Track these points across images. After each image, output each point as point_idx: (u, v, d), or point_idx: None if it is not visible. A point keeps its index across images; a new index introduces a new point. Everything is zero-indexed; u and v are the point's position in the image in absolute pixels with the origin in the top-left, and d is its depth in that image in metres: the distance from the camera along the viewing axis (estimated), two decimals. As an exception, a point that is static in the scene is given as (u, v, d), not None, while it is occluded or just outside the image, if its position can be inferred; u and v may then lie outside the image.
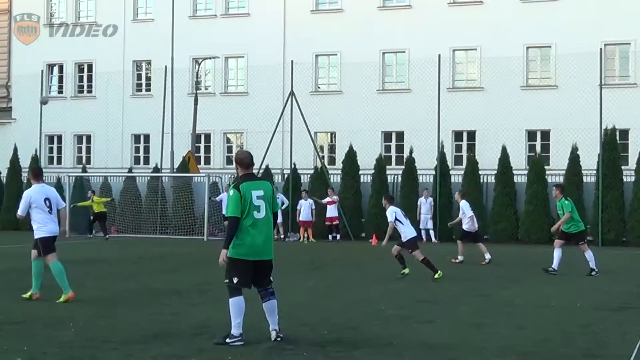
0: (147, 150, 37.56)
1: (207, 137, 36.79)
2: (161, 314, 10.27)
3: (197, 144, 35.36)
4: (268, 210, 8.18)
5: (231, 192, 8.09)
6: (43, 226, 11.28)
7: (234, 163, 8.49)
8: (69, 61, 38.95)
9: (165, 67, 32.57)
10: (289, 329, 8.90)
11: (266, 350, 7.93)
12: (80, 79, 39.43)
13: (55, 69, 39.66)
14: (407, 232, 14.72)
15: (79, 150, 39.06)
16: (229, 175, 30.32)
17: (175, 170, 31.63)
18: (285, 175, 30.35)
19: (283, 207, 27.31)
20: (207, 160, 36.97)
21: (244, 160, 8.25)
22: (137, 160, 37.67)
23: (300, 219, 27.17)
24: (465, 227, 18.70)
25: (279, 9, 35.78)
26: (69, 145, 38.94)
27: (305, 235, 27.14)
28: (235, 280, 8.08)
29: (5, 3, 41.44)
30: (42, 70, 36.77)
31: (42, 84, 35.58)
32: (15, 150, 33.20)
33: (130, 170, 33.52)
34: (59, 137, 38.94)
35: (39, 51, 38.28)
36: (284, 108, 29.56)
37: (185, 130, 33.21)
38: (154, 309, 10.69)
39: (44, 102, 25.08)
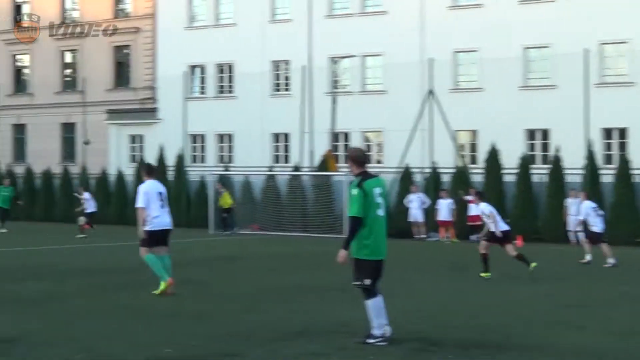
0: (286, 149, 38.52)
1: (346, 136, 37.33)
2: (302, 312, 10.58)
3: (335, 143, 35.96)
4: (385, 208, 8.17)
5: (355, 191, 8.01)
6: (154, 219, 11.85)
7: (348, 160, 8.41)
8: (210, 63, 40.43)
9: (303, 66, 33.35)
10: (432, 330, 9.03)
11: (409, 351, 8.03)
12: (221, 79, 40.85)
13: (197, 70, 41.24)
14: (502, 225, 15.42)
15: (221, 149, 40.49)
16: (369, 174, 30.73)
17: (314, 169, 32.35)
18: (425, 175, 30.48)
19: (425, 207, 27.55)
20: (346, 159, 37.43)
21: (359, 158, 8.19)
22: (277, 159, 38.68)
23: (439, 218, 27.27)
24: (594, 228, 18.32)
25: (416, 6, 35.79)
26: (211, 145, 40.45)
27: (447, 235, 27.19)
28: (367, 282, 8.13)
29: (149, 7, 43.50)
30: (185, 72, 38.46)
31: (185, 85, 37.17)
32: (161, 149, 34.98)
33: (270, 169, 34.54)
34: (202, 137, 40.50)
35: (182, 53, 40.09)
36: (422, 106, 29.64)
37: (324, 129, 33.91)
38: (295, 306, 11.02)
39: (87, 142, 26.46)
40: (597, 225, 18.17)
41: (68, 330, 9.05)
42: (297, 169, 32.69)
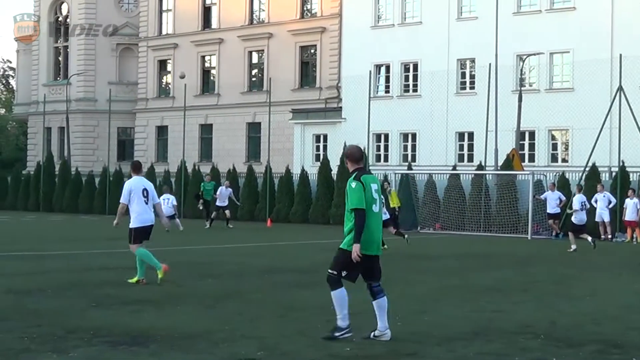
0: (470, 147, 40.94)
1: (532, 135, 39.36)
2: (482, 311, 11.11)
3: (521, 141, 37.87)
4: (380, 205, 8.91)
5: (353, 184, 8.66)
6: (138, 216, 13.69)
7: (344, 158, 9.89)
8: (395, 61, 43.42)
9: (490, 64, 35.81)
10: (615, 331, 9.51)
11: (590, 353, 8.44)
12: (406, 78, 43.77)
13: (382, 69, 44.39)
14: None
15: (405, 148, 43.34)
16: (554, 173, 32.72)
17: (499, 168, 34.38)
18: (613, 174, 31.83)
19: (610, 206, 28.97)
20: (532, 158, 39.58)
21: (355, 155, 8.87)
22: (461, 157, 41.16)
23: (625, 218, 28.53)
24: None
25: (607, 2, 37.47)
26: (395, 143, 43.40)
27: (634, 236, 28.28)
28: (344, 273, 8.80)
29: (336, 7, 47.27)
30: (370, 71, 41.75)
31: (369, 84, 40.35)
32: (344, 148, 38.18)
33: (454, 168, 36.49)
34: (386, 136, 43.58)
35: (367, 53, 43.37)
36: (611, 104, 31.11)
37: (509, 128, 35.94)
38: (475, 306, 11.57)
39: (182, 76, 28.78)
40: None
41: (248, 327, 9.61)
42: (481, 167, 34.80)
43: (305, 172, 39.67)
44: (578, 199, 23.94)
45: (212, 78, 55.01)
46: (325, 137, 45.58)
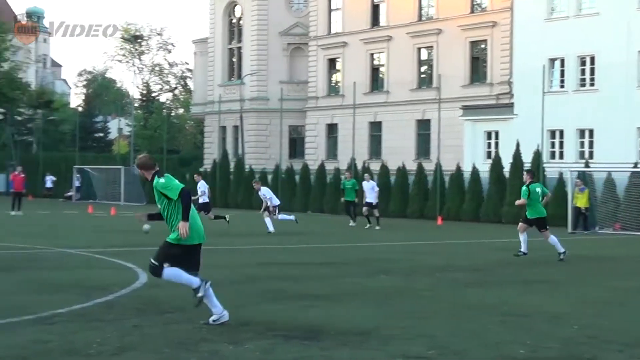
0: (653, 144, 39.31)
1: None
2: None
3: None
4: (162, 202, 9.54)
5: (162, 179, 9.33)
6: None
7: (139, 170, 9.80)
8: (570, 55, 42.15)
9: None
10: None
11: None
12: (582, 72, 42.42)
13: (557, 63, 43.19)
14: None
15: (581, 144, 42.05)
16: None
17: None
18: None
19: None
20: None
21: (147, 164, 9.59)
22: (641, 155, 39.58)
23: None
24: None
25: None
26: (570, 140, 42.15)
27: None
28: (167, 266, 9.42)
29: (507, 1, 46.42)
30: (544, 65, 40.73)
31: (543, 79, 39.42)
32: (517, 145, 37.60)
33: (635, 165, 35.16)
34: (561, 132, 42.37)
35: (540, 46, 42.32)
36: None
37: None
38: None
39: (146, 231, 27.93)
40: None
41: (419, 325, 9.66)
42: (659, 164, 33.47)
43: (476, 170, 39.36)
44: None
45: (381, 76, 55.21)
46: (496, 133, 44.83)
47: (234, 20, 63.17)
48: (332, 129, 56.97)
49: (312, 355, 8.00)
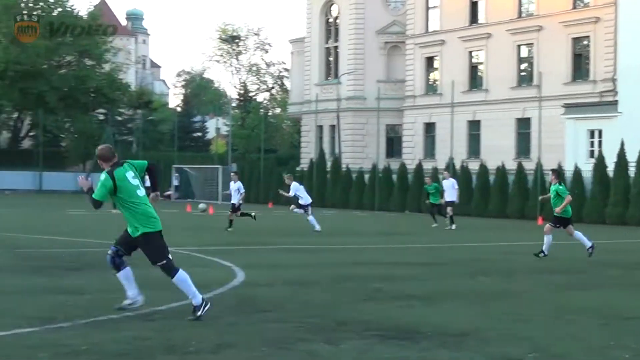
0: None
1: None
2: None
3: None
4: (143, 187, 10.00)
5: (102, 176, 9.69)
6: None
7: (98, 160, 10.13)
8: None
9: None
10: None
11: None
12: None
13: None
14: None
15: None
16: None
17: None
18: None
19: None
20: None
21: (105, 155, 9.90)
22: None
23: None
24: None
25: None
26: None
27: None
28: (171, 256, 9.83)
29: (611, -5, 45.39)
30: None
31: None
32: (622, 144, 36.69)
33: None
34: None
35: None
36: None
37: None
38: None
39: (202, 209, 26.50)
40: None
41: (519, 327, 9.51)
42: None
43: (579, 169, 38.73)
44: None
45: (479, 74, 54.66)
46: (600, 132, 43.83)
47: (331, 20, 63.41)
48: (429, 127, 56.67)
49: (409, 356, 7.97)
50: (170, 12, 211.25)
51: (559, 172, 19.76)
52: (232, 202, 26.50)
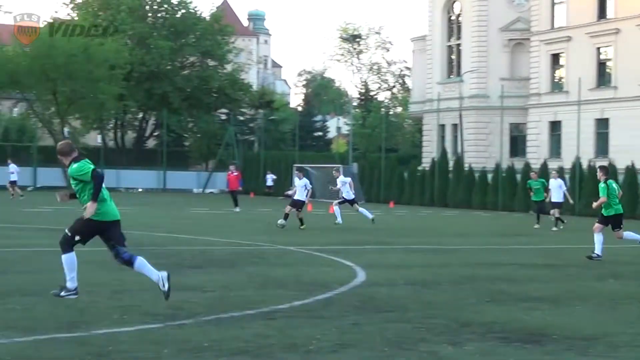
0: None
1: None
2: None
3: None
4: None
5: (74, 165, 10.11)
6: None
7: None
8: None
9: None
10: None
11: None
12: None
13: None
14: None
15: None
16: None
17: None
18: None
19: None
20: None
21: (64, 150, 10.30)
22: None
23: None
24: None
25: None
26: None
27: None
28: (77, 237, 10.21)
29: None
30: None
31: None
32: None
33: None
34: None
35: None
36: None
37: None
38: None
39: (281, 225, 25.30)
40: None
41: None
42: None
43: None
44: None
45: (608, 70, 53.21)
46: None
47: (453, 17, 62.89)
48: (555, 126, 55.55)
49: (534, 360, 7.83)
50: (292, 12, 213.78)
51: (607, 169, 18.77)
52: (298, 198, 26.02)
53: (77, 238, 10.23)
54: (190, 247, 18.61)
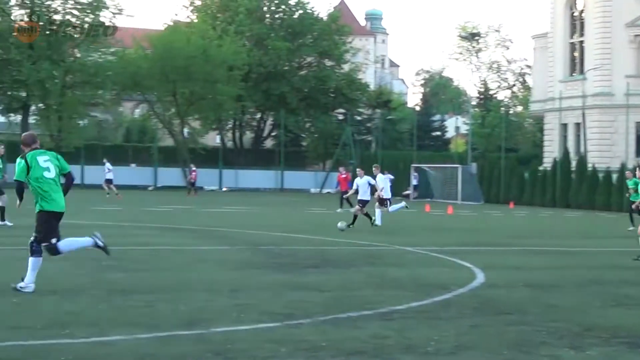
0: None
1: None
2: None
3: None
4: (56, 171, 10.97)
5: (18, 160, 10.86)
6: None
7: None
8: None
9: None
10: None
11: None
12: None
13: None
14: None
15: None
16: None
17: None
18: None
19: None
20: None
21: (26, 140, 11.10)
22: None
23: None
24: None
25: None
26: None
27: None
28: (53, 241, 10.75)
29: None
30: None
31: None
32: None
33: None
34: None
35: None
36: None
37: None
38: None
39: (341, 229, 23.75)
40: None
41: None
42: None
43: None
44: None
45: None
46: None
47: (576, 14, 61.54)
48: (683, 125, 53.76)
49: (661, 366, 7.63)
50: (409, 11, 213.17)
51: None
52: (361, 198, 25.60)
53: (53, 241, 10.84)
54: (307, 246, 18.78)
